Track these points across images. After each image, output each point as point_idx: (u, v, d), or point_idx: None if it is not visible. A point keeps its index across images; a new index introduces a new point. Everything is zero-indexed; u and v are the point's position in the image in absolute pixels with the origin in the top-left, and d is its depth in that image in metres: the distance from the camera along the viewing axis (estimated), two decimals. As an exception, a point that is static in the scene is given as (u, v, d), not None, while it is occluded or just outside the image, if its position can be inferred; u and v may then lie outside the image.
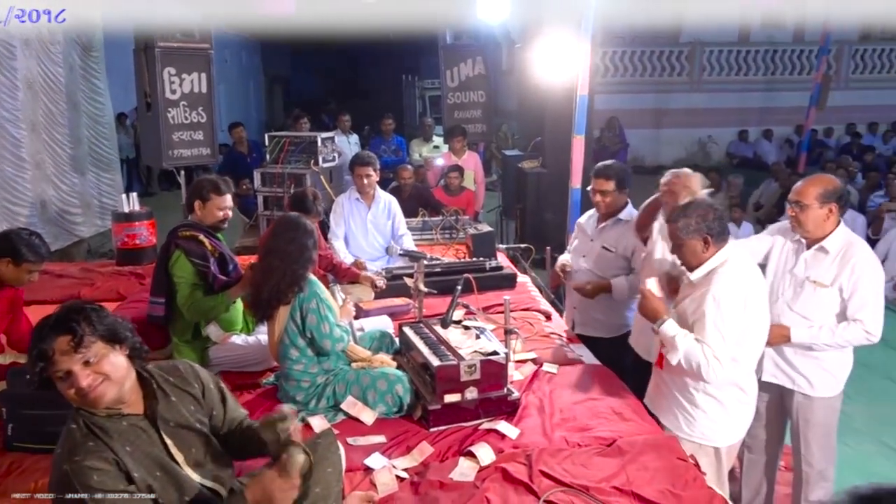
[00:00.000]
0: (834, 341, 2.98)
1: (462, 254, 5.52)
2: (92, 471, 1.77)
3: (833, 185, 2.99)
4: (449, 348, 3.13)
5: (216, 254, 3.63)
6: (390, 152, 8.66)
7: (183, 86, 6.40)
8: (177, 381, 2.07)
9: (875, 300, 2.93)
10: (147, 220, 5.77)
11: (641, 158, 14.42)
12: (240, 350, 3.57)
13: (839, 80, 14.20)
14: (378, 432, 2.91)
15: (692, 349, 2.69)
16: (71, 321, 1.80)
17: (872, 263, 2.96)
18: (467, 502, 2.41)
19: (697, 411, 2.85)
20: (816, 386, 3.11)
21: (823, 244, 3.00)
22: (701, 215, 2.72)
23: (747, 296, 2.70)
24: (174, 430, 1.98)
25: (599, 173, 3.83)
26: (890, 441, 4.45)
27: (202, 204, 3.65)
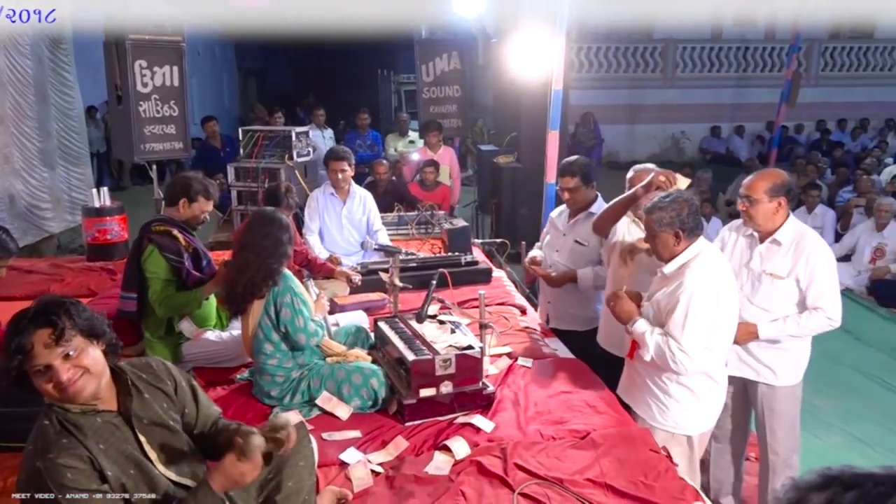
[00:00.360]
0: (800, 331, 3.07)
1: (437, 249, 5.53)
2: (66, 469, 1.75)
3: (781, 179, 3.08)
4: (424, 343, 3.14)
5: (190, 249, 3.59)
6: (366, 147, 8.63)
7: (154, 79, 6.31)
8: (150, 377, 2.05)
9: (832, 286, 3.04)
10: (118, 214, 5.69)
11: (616, 154, 14.53)
12: (213, 346, 3.54)
13: (809, 78, 14.41)
14: (353, 427, 2.91)
15: (660, 345, 2.75)
16: (51, 314, 1.78)
17: (824, 252, 3.06)
18: (442, 496, 2.42)
19: (670, 401, 2.89)
20: (780, 375, 3.20)
21: (776, 237, 3.09)
22: (676, 210, 2.76)
23: (719, 289, 2.75)
24: (148, 427, 1.96)
25: (564, 171, 3.89)
26: (857, 433, 4.54)
27: (188, 203, 3.62)
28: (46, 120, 8.04)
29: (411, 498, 2.42)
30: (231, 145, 8.13)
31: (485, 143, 10.53)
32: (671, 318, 2.72)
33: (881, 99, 14.89)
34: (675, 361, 2.71)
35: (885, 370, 5.47)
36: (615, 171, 13.75)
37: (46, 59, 8.07)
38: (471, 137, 12.25)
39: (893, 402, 5.00)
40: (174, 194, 3.64)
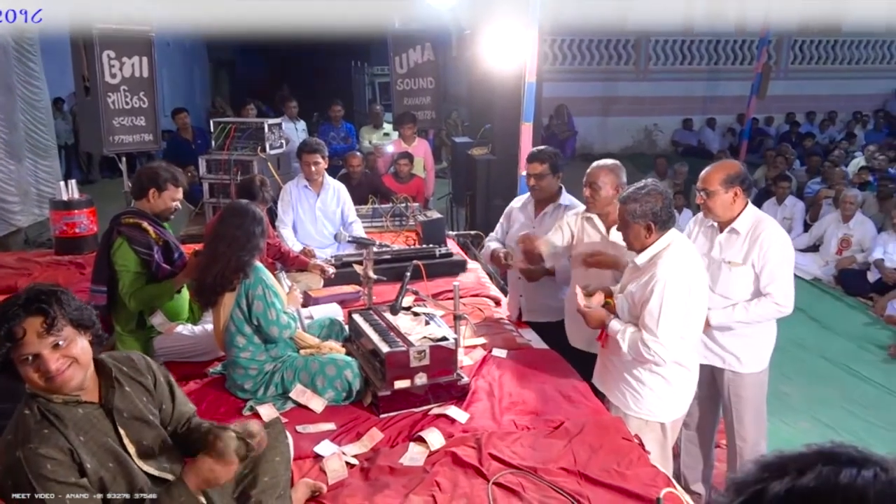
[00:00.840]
0: (748, 317, 3.12)
1: (412, 241, 5.53)
2: (46, 459, 1.73)
3: (735, 169, 3.14)
4: (398, 335, 3.14)
5: (160, 242, 3.55)
6: (339, 139, 8.58)
7: (123, 70, 6.21)
8: (131, 371, 2.04)
9: (783, 273, 3.09)
10: (87, 207, 5.60)
11: (590, 146, 14.60)
12: (186, 340, 3.51)
13: (779, 71, 14.59)
14: (328, 420, 2.91)
15: (634, 340, 2.78)
16: (42, 302, 1.76)
17: (780, 238, 3.11)
18: (417, 487, 2.42)
19: (644, 388, 2.92)
20: (744, 362, 3.26)
21: (734, 226, 3.15)
22: (650, 202, 2.78)
23: (691, 279, 2.79)
24: (128, 420, 1.95)
25: (532, 157, 3.89)
26: (824, 418, 4.64)
27: (157, 193, 3.57)
28: (12, 112, 7.87)
29: (386, 489, 2.42)
30: (203, 137, 8.04)
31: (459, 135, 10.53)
32: (646, 310, 2.75)
33: (848, 92, 15.13)
34: (651, 353, 2.74)
35: (850, 357, 5.59)
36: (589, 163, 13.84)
37: (11, 48, 7.89)
38: (445, 129, 12.23)
39: (859, 388, 5.11)
40: (142, 186, 3.59)
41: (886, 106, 15.27)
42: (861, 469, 0.79)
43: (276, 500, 2.16)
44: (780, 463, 0.84)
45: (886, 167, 9.46)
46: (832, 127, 14.34)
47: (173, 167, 3.72)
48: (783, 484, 0.81)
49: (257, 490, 2.16)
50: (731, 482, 0.87)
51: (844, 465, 0.80)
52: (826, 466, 0.81)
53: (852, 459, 0.81)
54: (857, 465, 0.80)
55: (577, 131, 13.80)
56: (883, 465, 0.80)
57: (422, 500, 2.35)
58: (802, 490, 0.80)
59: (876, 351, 5.74)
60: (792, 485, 0.80)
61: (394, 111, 8.37)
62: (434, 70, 8.36)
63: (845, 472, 0.79)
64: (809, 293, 7.02)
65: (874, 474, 0.79)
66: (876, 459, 0.81)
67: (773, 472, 0.83)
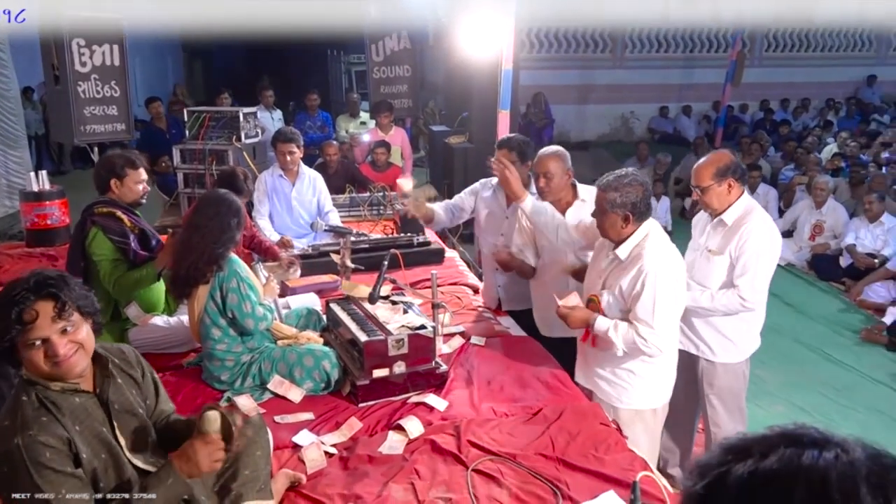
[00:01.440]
0: (713, 306, 3.08)
1: (390, 230, 5.51)
2: (45, 447, 1.72)
3: (724, 160, 3.11)
4: (376, 323, 3.13)
5: (136, 230, 3.50)
6: (316, 128, 8.52)
7: (94, 58, 6.10)
8: (122, 363, 2.04)
9: (755, 268, 3.02)
10: (59, 199, 5.51)
11: (567, 134, 14.61)
12: (161, 331, 3.48)
13: (753, 58, 14.69)
14: (306, 409, 2.90)
15: (628, 335, 2.75)
16: (51, 287, 1.75)
17: (761, 232, 3.05)
18: (396, 475, 2.43)
19: (634, 378, 2.90)
20: (717, 352, 3.25)
21: (723, 216, 3.12)
22: (630, 193, 2.75)
23: (676, 268, 2.80)
24: (120, 413, 1.95)
25: (501, 144, 3.85)
26: (798, 401, 4.71)
27: (119, 182, 3.51)
28: (-20, 102, 7.72)
29: (365, 478, 2.42)
30: (177, 127, 7.94)
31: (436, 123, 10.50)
32: (638, 304, 2.72)
33: (821, 79, 15.28)
34: (649, 346, 2.72)
35: (824, 342, 5.67)
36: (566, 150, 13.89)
37: (-22, 37, 7.73)
38: (422, 118, 12.19)
39: (833, 371, 5.19)
40: (102, 180, 3.53)
41: (858, 93, 15.45)
42: (823, 451, 0.81)
43: (256, 493, 2.16)
44: (743, 445, 0.85)
45: (858, 153, 9.58)
46: (805, 114, 14.49)
47: (127, 150, 3.67)
48: (746, 466, 0.82)
49: (237, 483, 2.16)
50: (696, 465, 0.88)
51: (807, 446, 0.81)
52: (788, 448, 0.82)
53: (814, 441, 0.83)
54: (819, 447, 0.81)
55: (554, 119, 13.79)
56: (844, 446, 0.81)
57: (401, 488, 2.35)
58: (765, 472, 0.81)
59: (848, 335, 5.83)
60: (755, 467, 0.81)
61: (370, 99, 8.32)
62: (411, 58, 8.32)
63: (807, 453, 0.80)
64: (784, 278, 7.10)
65: (835, 455, 0.80)
66: (837, 441, 0.83)
67: (736, 454, 0.84)
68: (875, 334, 5.69)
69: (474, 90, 6.66)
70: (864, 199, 7.06)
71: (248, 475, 2.18)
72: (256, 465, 2.21)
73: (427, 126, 11.14)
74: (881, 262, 6.66)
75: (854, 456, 0.80)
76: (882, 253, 6.74)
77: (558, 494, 2.32)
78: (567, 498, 2.30)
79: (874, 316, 6.11)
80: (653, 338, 2.71)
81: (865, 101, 14.87)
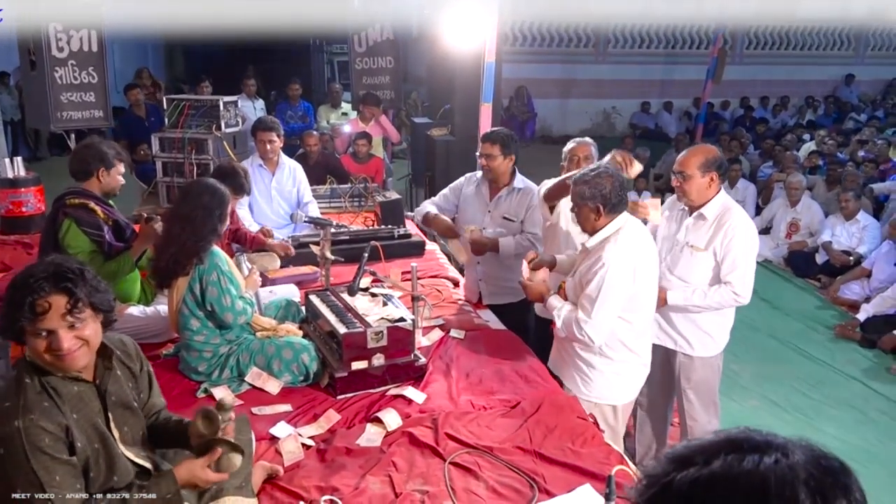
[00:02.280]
0: (706, 303, 3.17)
1: (371, 222, 5.49)
2: (44, 433, 1.72)
3: (713, 154, 3.17)
4: (356, 315, 3.12)
5: (110, 221, 3.46)
6: (297, 118, 8.46)
7: (71, 43, 6.00)
8: (123, 355, 2.03)
9: (744, 263, 3.12)
10: (34, 186, 5.42)
11: (549, 128, 14.65)
12: (137, 321, 3.43)
13: (734, 55, 14.79)
14: (284, 401, 2.89)
15: (568, 316, 2.84)
16: (69, 281, 1.73)
17: (745, 228, 3.14)
18: (374, 467, 2.43)
19: (594, 372, 2.96)
20: (695, 346, 3.32)
21: (702, 211, 3.18)
22: (599, 185, 2.77)
23: (637, 264, 2.81)
24: (115, 405, 1.94)
25: (485, 138, 3.90)
26: (772, 396, 4.77)
27: (107, 171, 3.47)
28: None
29: (343, 470, 2.42)
30: (156, 114, 7.82)
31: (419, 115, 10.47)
32: (585, 292, 2.78)
33: (801, 77, 15.44)
34: (583, 334, 2.78)
35: (799, 337, 5.75)
36: (548, 145, 13.88)
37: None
38: (405, 110, 12.15)
39: (807, 367, 5.27)
40: (88, 167, 3.47)
41: (836, 92, 15.63)
42: (763, 455, 0.82)
43: (236, 489, 2.15)
44: (686, 454, 0.87)
45: (835, 152, 9.70)
46: (784, 112, 14.64)
47: (111, 142, 3.62)
48: (688, 475, 0.83)
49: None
50: (644, 475, 0.89)
51: (747, 452, 0.83)
52: (730, 455, 0.83)
53: (755, 446, 0.84)
54: (760, 452, 0.83)
55: (536, 113, 13.83)
56: (784, 450, 0.83)
57: (378, 481, 2.35)
58: (706, 479, 0.82)
59: (823, 331, 5.92)
60: (697, 475, 0.83)
61: (353, 90, 8.27)
62: (394, 50, 8.27)
63: (748, 458, 0.82)
64: (760, 275, 7.11)
65: (775, 460, 0.82)
66: (778, 444, 0.84)
67: (679, 463, 0.86)
68: (849, 331, 5.78)
69: (457, 82, 6.64)
70: (841, 197, 7.15)
71: None
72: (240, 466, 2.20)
73: (409, 118, 11.10)
74: (856, 259, 6.76)
75: (794, 460, 0.82)
76: (857, 251, 6.83)
77: (535, 487, 2.33)
78: (544, 491, 2.32)
79: (848, 313, 6.20)
80: (587, 327, 2.77)
81: (843, 100, 15.05)
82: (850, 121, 13.20)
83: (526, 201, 3.86)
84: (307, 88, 11.79)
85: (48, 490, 1.70)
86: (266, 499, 2.30)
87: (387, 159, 7.62)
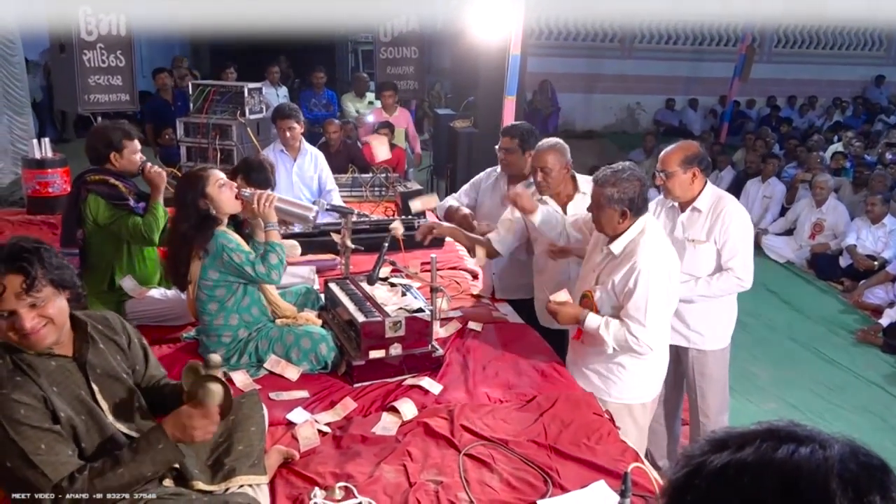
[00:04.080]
0: (710, 291, 3.19)
1: (391, 212, 5.50)
2: (19, 405, 1.73)
3: (693, 150, 3.20)
4: (375, 305, 3.13)
5: (132, 194, 3.50)
6: (321, 106, 8.48)
7: (100, 27, 6.07)
8: (106, 329, 2.04)
9: (744, 248, 3.17)
10: (61, 167, 5.50)
11: (572, 123, 14.56)
12: (158, 304, 3.47)
13: (763, 53, 14.59)
14: (301, 388, 2.90)
15: (619, 333, 2.74)
16: (23, 260, 1.73)
17: (740, 214, 3.20)
18: (389, 456, 2.44)
19: (625, 373, 2.90)
20: (708, 339, 3.34)
21: (695, 204, 3.21)
22: (627, 189, 2.72)
23: (670, 265, 2.79)
24: (101, 377, 1.95)
25: (504, 132, 3.91)
26: (790, 399, 4.72)
27: (119, 155, 3.49)
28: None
29: (358, 458, 2.43)
30: (183, 99, 7.88)
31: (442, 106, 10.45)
32: (631, 301, 2.72)
33: (829, 77, 15.18)
34: (640, 344, 2.72)
35: (820, 341, 5.68)
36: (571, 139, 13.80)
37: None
38: (428, 101, 12.14)
39: (827, 371, 5.21)
40: (99, 154, 3.50)
41: (866, 93, 15.37)
42: (800, 446, 0.82)
43: (249, 468, 2.16)
44: (724, 438, 0.87)
45: (862, 153, 9.54)
46: (812, 112, 14.42)
47: (117, 121, 3.65)
48: (722, 457, 0.84)
49: (231, 458, 2.16)
50: (682, 455, 0.90)
51: (784, 441, 0.83)
52: (766, 442, 0.83)
53: (794, 436, 0.84)
54: (798, 442, 0.82)
55: (560, 107, 13.72)
56: (823, 443, 0.82)
57: (393, 469, 2.36)
58: (738, 463, 0.82)
59: (844, 335, 5.84)
60: (730, 458, 0.83)
61: (376, 80, 8.28)
62: (419, 40, 8.26)
63: (783, 448, 0.82)
64: (782, 276, 7.12)
65: (811, 451, 0.81)
66: (818, 437, 0.84)
67: (716, 446, 0.86)
68: (871, 335, 5.70)
69: (481, 75, 6.62)
70: (867, 201, 7.05)
71: (241, 450, 2.19)
72: (251, 441, 2.22)
73: (432, 109, 11.09)
74: (881, 264, 6.66)
75: (830, 452, 0.81)
76: (882, 255, 6.73)
77: (549, 482, 2.33)
78: (557, 486, 2.31)
79: (871, 317, 6.12)
80: (644, 336, 2.71)
81: (873, 101, 14.78)
82: (879, 122, 12.97)
83: None
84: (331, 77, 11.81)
85: (34, 459, 1.71)
86: (282, 483, 2.32)
87: (409, 150, 7.62)
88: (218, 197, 3.01)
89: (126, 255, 3.57)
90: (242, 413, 2.26)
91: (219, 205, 3.01)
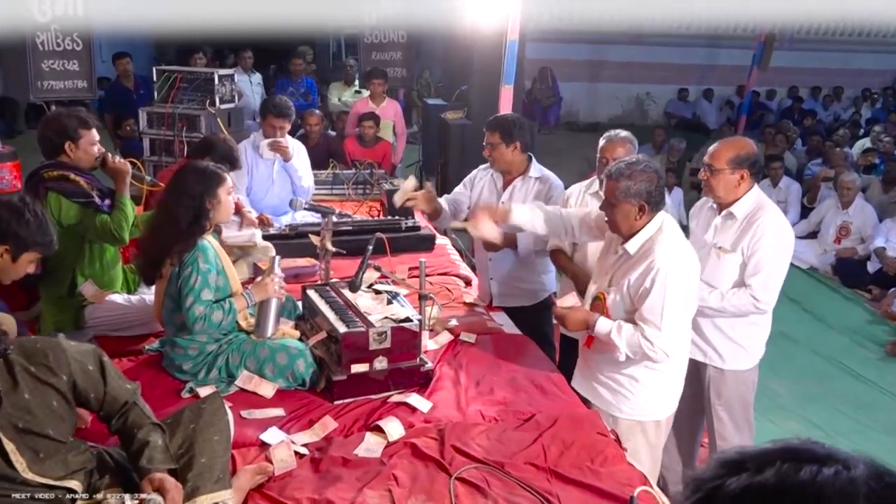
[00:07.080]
0: (721, 306, 3.11)
1: (376, 211, 5.50)
2: None
3: (747, 149, 3.12)
4: (357, 314, 3.13)
5: (94, 190, 3.49)
6: (299, 95, 8.50)
7: (55, 7, 6.05)
8: (38, 370, 1.97)
9: (770, 266, 3.05)
10: (10, 161, 5.45)
11: (575, 114, 14.62)
12: (120, 309, 3.46)
13: (783, 40, 14.67)
14: (276, 405, 2.90)
15: (633, 338, 2.73)
16: None
17: (778, 229, 3.09)
18: (372, 480, 2.44)
19: (639, 387, 2.90)
20: (727, 359, 3.28)
21: (731, 210, 3.14)
22: (645, 181, 2.72)
23: (689, 266, 2.79)
24: (18, 434, 1.91)
25: (486, 125, 3.87)
26: (814, 418, 4.75)
27: (74, 145, 3.47)
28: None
29: (338, 482, 2.43)
30: (146, 87, 7.87)
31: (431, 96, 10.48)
32: (646, 303, 2.71)
33: (857, 66, 15.24)
34: (655, 349, 2.70)
35: (845, 353, 5.71)
36: (574, 132, 13.87)
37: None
38: (416, 90, 12.16)
39: (852, 386, 5.24)
40: (53, 144, 3.47)
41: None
42: (822, 467, 0.83)
43: (213, 483, 2.15)
44: (739, 459, 0.88)
45: (893, 149, 9.58)
46: (837, 104, 14.50)
47: (72, 108, 3.63)
48: (740, 481, 0.84)
49: (193, 473, 2.15)
50: (691, 479, 0.90)
51: (805, 462, 0.84)
52: (786, 464, 0.84)
53: (815, 457, 0.85)
54: (819, 463, 0.83)
55: (561, 97, 13.76)
56: (846, 463, 0.83)
57: (377, 495, 2.36)
58: (758, 487, 0.83)
59: (872, 348, 5.87)
60: (749, 482, 0.84)
61: (361, 66, 8.29)
62: (407, 23, 8.28)
63: (805, 469, 0.83)
64: (804, 283, 7.15)
65: (835, 472, 0.82)
66: (840, 457, 0.85)
67: (731, 468, 0.86)
68: (902, 349, 5.73)
69: (475, 62, 6.65)
70: (896, 200, 7.10)
71: (204, 463, 2.17)
72: (214, 452, 2.20)
73: (421, 99, 11.12)
74: (913, 269, 6.70)
75: (855, 474, 0.81)
76: (914, 259, 6.78)
77: (548, 508, 2.33)
78: (558, 512, 2.32)
79: (902, 329, 6.16)
80: (660, 341, 2.70)
81: (904, 93, 14.90)
82: (910, 116, 13.07)
83: (544, 192, 3.84)
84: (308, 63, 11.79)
85: None
86: (254, 510, 2.32)
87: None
88: (224, 204, 3.08)
89: (88, 256, 3.55)
90: (203, 420, 2.24)
91: (220, 212, 3.08)
